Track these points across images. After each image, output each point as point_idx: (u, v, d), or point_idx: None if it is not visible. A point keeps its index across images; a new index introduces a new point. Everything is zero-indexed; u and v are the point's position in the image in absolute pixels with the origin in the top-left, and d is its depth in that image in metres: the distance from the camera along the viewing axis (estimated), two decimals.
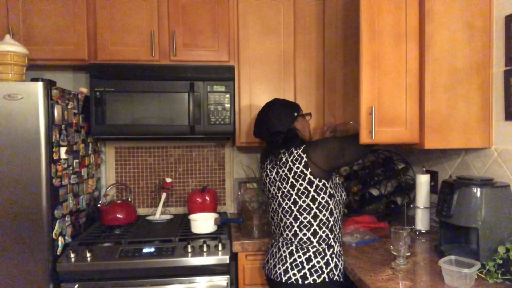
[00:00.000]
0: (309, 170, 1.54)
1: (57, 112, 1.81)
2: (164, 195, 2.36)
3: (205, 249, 1.84)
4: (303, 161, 1.55)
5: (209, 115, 2.13)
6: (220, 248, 1.86)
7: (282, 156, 1.61)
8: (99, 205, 2.21)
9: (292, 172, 1.57)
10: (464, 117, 1.66)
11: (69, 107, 1.95)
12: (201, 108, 2.12)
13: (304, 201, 1.56)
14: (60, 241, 1.83)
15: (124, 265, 1.76)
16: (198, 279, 1.82)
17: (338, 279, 1.56)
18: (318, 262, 1.54)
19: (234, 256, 1.94)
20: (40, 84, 1.70)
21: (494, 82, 1.67)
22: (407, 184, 2.28)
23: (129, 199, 2.46)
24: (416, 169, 2.30)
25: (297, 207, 1.57)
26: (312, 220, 1.57)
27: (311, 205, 1.56)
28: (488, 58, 1.67)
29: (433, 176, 2.08)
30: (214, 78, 2.13)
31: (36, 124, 1.70)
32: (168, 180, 2.39)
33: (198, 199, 2.29)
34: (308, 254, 1.55)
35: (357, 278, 1.45)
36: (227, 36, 2.20)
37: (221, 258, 1.82)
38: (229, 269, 1.86)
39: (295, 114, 1.69)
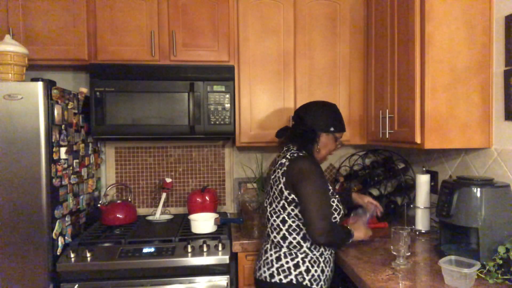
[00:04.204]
0: (283, 180, 1.54)
1: (57, 112, 1.81)
2: (164, 195, 2.36)
3: (205, 249, 1.84)
4: (283, 169, 1.55)
5: (209, 115, 2.13)
6: (220, 248, 1.85)
7: (281, 156, 1.62)
8: (99, 205, 2.21)
9: (274, 174, 1.60)
10: (464, 117, 1.66)
11: (69, 107, 1.95)
12: (201, 108, 2.12)
13: (276, 206, 1.58)
14: (60, 241, 1.83)
15: (124, 265, 1.76)
16: (198, 279, 1.82)
17: (309, 284, 1.51)
18: (287, 262, 1.53)
19: (234, 256, 1.94)
20: (40, 84, 1.70)
21: (494, 82, 1.67)
22: (407, 184, 2.28)
23: (129, 199, 2.46)
24: (416, 169, 2.30)
25: (271, 209, 1.60)
26: (280, 224, 1.56)
27: (281, 211, 1.56)
28: (488, 58, 1.67)
29: (433, 176, 2.08)
30: (214, 78, 2.13)
31: (36, 124, 1.70)
32: (168, 180, 2.39)
33: (198, 199, 2.29)
34: (278, 253, 1.56)
35: (357, 278, 1.45)
36: (227, 36, 2.20)
37: (221, 258, 1.82)
38: (229, 269, 1.86)
39: (331, 128, 1.64)
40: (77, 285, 1.75)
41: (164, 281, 1.80)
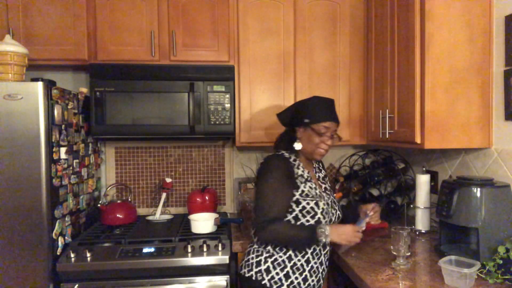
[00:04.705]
0: (255, 177, 1.62)
1: (57, 112, 1.80)
2: (164, 195, 2.36)
3: (205, 249, 1.84)
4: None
5: (209, 115, 2.13)
6: (220, 248, 1.85)
7: None
8: (99, 205, 2.21)
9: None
10: (464, 117, 1.66)
11: (69, 107, 1.95)
12: (201, 108, 2.12)
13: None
14: (60, 241, 1.83)
15: (124, 265, 1.76)
16: (198, 279, 1.82)
17: (268, 285, 1.48)
18: (252, 258, 1.56)
19: (234, 256, 1.94)
20: (40, 84, 1.70)
21: (494, 82, 1.68)
22: (407, 184, 2.28)
23: (129, 199, 2.46)
24: (416, 169, 2.30)
25: (254, 205, 1.61)
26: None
27: None
28: (488, 58, 1.67)
29: (433, 176, 2.08)
30: (214, 78, 2.13)
31: (36, 124, 1.70)
32: (168, 180, 2.39)
33: (198, 199, 2.29)
34: (250, 248, 1.61)
35: (357, 278, 1.45)
36: (227, 36, 2.20)
37: (221, 258, 1.82)
38: (229, 269, 1.86)
39: (306, 120, 1.54)
40: (77, 285, 1.75)
41: (164, 281, 1.80)
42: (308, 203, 1.51)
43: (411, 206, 2.16)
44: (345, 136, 2.28)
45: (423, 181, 1.95)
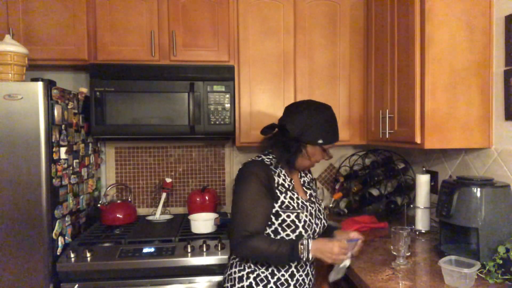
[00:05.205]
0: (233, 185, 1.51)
1: (57, 112, 1.81)
2: (164, 195, 2.36)
3: (205, 249, 1.84)
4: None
5: (209, 115, 2.13)
6: (219, 248, 1.86)
7: None
8: (99, 205, 2.21)
9: None
10: (464, 117, 1.66)
11: (69, 107, 1.95)
12: (201, 108, 2.12)
13: None
14: (60, 241, 1.83)
15: (124, 265, 1.76)
16: (198, 279, 1.82)
17: None
18: (235, 272, 1.48)
19: None
20: (40, 84, 1.70)
21: (494, 82, 1.68)
22: (407, 184, 2.28)
23: (129, 199, 2.46)
24: (416, 169, 2.30)
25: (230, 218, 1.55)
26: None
27: None
28: (488, 58, 1.67)
29: (433, 176, 2.08)
30: (214, 78, 2.13)
31: (36, 124, 1.70)
32: (168, 180, 2.39)
33: (198, 199, 2.29)
34: (233, 260, 1.53)
35: (357, 278, 1.45)
36: (227, 36, 2.20)
37: (221, 258, 1.82)
38: None
39: (320, 141, 1.42)
40: (77, 285, 1.75)
41: (164, 281, 1.80)
42: (288, 216, 1.40)
43: (411, 206, 2.16)
44: (345, 136, 2.28)
45: (423, 181, 1.95)
